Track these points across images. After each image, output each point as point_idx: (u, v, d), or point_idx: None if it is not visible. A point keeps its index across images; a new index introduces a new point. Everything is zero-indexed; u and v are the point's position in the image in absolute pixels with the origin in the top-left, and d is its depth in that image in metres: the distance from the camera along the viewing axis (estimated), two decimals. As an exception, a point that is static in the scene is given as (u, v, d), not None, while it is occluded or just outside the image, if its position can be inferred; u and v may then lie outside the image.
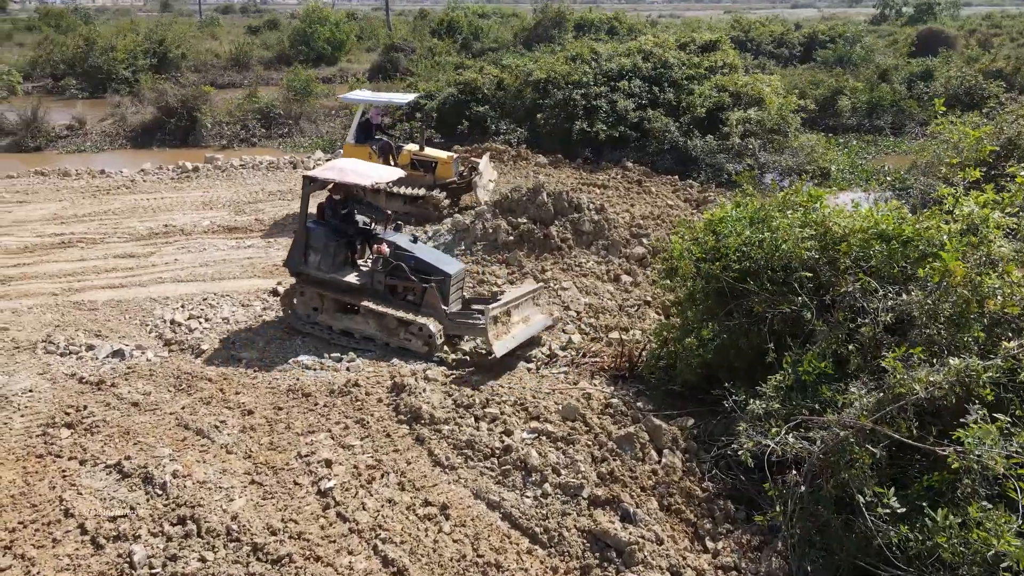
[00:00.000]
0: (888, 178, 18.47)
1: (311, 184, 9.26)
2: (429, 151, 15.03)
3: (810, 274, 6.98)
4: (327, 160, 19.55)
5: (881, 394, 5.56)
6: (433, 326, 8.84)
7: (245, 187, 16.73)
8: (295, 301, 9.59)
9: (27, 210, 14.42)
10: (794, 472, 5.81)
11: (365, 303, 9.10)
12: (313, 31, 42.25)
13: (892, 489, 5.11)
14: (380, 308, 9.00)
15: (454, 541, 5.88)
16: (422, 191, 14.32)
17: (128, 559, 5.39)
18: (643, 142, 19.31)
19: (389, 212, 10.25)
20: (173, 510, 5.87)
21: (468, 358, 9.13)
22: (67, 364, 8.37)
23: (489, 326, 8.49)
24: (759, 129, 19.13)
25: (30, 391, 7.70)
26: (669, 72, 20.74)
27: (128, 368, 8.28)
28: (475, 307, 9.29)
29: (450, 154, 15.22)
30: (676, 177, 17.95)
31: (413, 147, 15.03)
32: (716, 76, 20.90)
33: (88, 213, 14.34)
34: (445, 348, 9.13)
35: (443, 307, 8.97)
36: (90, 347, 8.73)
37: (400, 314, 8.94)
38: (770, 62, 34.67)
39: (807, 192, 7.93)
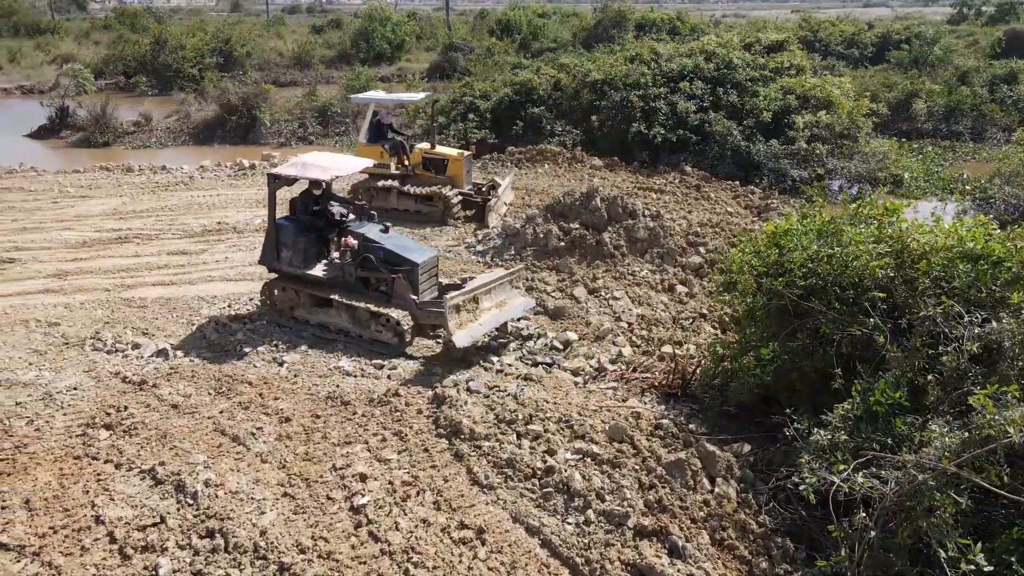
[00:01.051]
0: (967, 187, 17.41)
1: (276, 181, 9.33)
2: (440, 149, 14.88)
3: (884, 294, 6.42)
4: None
5: (967, 434, 5.00)
6: (401, 317, 8.82)
7: (300, 185, 16.71)
8: (274, 296, 9.68)
9: (89, 205, 14.74)
10: (863, 514, 5.29)
11: (335, 296, 9.11)
12: (374, 30, 42.64)
13: (979, 544, 4.57)
14: (349, 301, 9.05)
15: (489, 569, 5.56)
16: (431, 189, 14.15)
17: (154, 572, 5.25)
18: (703, 145, 18.65)
19: (363, 203, 10.22)
20: (203, 522, 5.72)
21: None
22: (112, 362, 8.38)
23: (449, 316, 8.35)
24: (827, 133, 18.27)
25: (74, 389, 7.72)
26: (732, 73, 19.99)
27: (171, 368, 8.23)
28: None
29: (461, 151, 15.03)
30: (737, 183, 17.27)
31: (425, 145, 14.90)
32: (782, 78, 20.06)
33: (146, 209, 14.57)
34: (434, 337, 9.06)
35: (413, 297, 8.90)
36: (136, 345, 8.74)
37: (367, 306, 8.97)
38: (840, 63, 33.29)
39: (882, 204, 7.33)
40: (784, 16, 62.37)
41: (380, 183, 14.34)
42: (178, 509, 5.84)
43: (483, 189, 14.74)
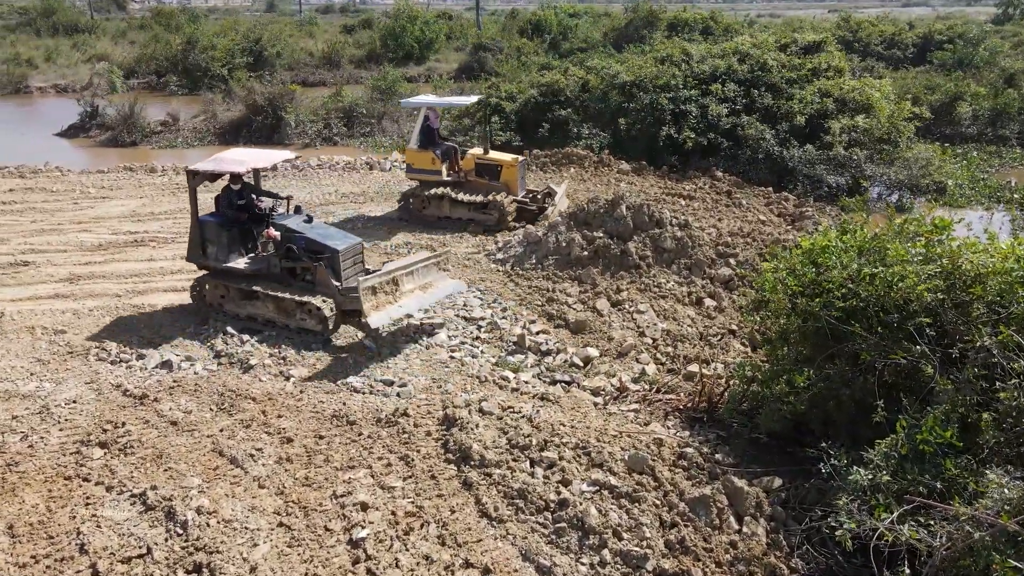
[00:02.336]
0: (1015, 195, 16.54)
1: (195, 177, 9.44)
2: (494, 154, 14.31)
3: (931, 320, 5.85)
4: (403, 161, 19.22)
5: (1030, 486, 4.45)
6: (324, 305, 8.92)
7: (319, 188, 16.55)
8: (204, 291, 9.81)
9: (108, 206, 14.64)
10: (907, 570, 4.76)
11: (258, 288, 9.28)
12: (403, 29, 42.47)
13: (1044, 616, 4.03)
14: (272, 292, 9.21)
15: (494, 615, 5.13)
16: (486, 196, 13.63)
17: (137, 608, 4.92)
18: (735, 150, 17.99)
19: (287, 196, 10.34)
20: (190, 554, 5.38)
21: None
22: (115, 373, 8.12)
23: (364, 297, 8.55)
24: (866, 138, 17.50)
25: (74, 402, 7.47)
26: (767, 75, 19.28)
27: (174, 382, 7.95)
28: None
29: (516, 157, 14.39)
30: (770, 189, 16.61)
31: (477, 151, 14.36)
32: (819, 80, 19.29)
33: (164, 211, 14.42)
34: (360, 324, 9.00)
35: (335, 283, 8.99)
36: (141, 356, 8.48)
37: (288, 295, 9.11)
38: (879, 64, 32.25)
39: (931, 220, 6.75)
40: (821, 15, 60.96)
41: (432, 191, 13.78)
42: (166, 539, 5.51)
43: (538, 196, 14.13)
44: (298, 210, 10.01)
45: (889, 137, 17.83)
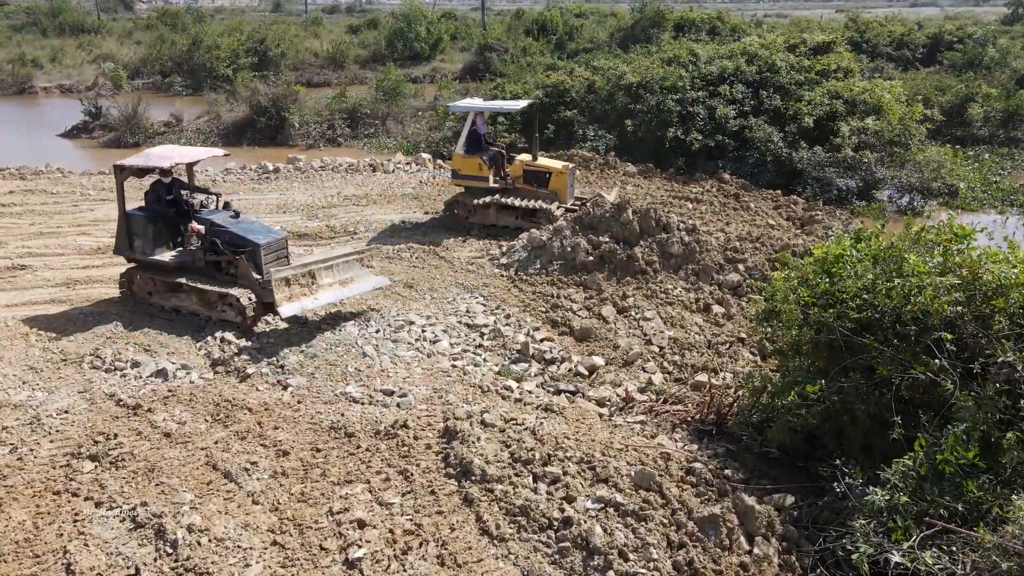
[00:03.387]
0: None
1: (122, 172, 9.72)
2: (543, 161, 13.92)
3: (951, 335, 5.61)
4: (407, 163, 19.03)
5: (1060, 514, 4.22)
6: (242, 296, 9.15)
7: (321, 190, 16.36)
8: (134, 283, 10.04)
9: (108, 208, 14.45)
10: (928, 599, 4.54)
11: (182, 280, 9.51)
12: (408, 30, 42.30)
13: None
14: (195, 284, 9.44)
15: (494, 641, 4.93)
16: (536, 203, 13.25)
17: (123, 632, 4.73)
18: (742, 152, 17.74)
19: (214, 191, 10.73)
20: (180, 575, 5.18)
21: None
22: (109, 382, 7.94)
23: (276, 287, 8.86)
24: (876, 140, 17.23)
25: (66, 412, 7.29)
26: (776, 76, 19.03)
27: (169, 391, 7.77)
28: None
29: (566, 164, 14.00)
30: (778, 192, 16.37)
31: (526, 157, 13.97)
32: (829, 81, 19.02)
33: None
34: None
35: (256, 276, 9.23)
36: (136, 364, 8.29)
37: (210, 287, 9.36)
38: (889, 65, 31.92)
39: (949, 228, 6.50)
40: (829, 15, 60.55)
41: (479, 198, 13.45)
42: (155, 559, 5.32)
43: (587, 204, 13.52)
44: (227, 206, 10.28)
45: (900, 139, 17.57)
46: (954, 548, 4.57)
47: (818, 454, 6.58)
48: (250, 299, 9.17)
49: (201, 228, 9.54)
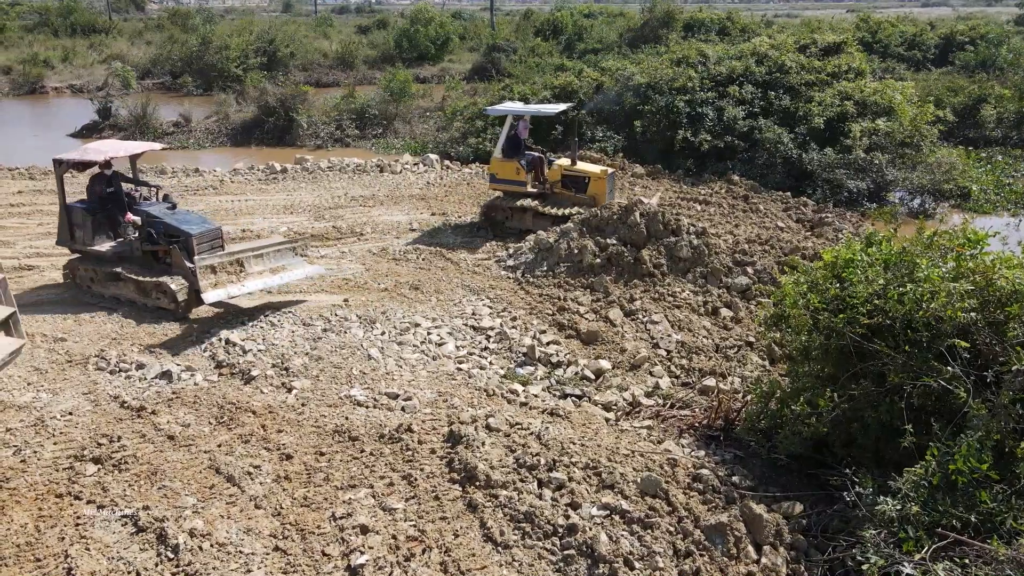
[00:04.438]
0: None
1: (60, 166, 10.10)
2: (582, 166, 13.75)
3: (967, 344, 5.51)
4: (414, 163, 18.99)
5: (1077, 528, 4.12)
6: (174, 284, 9.54)
7: (328, 191, 16.35)
8: (77, 273, 10.48)
9: (116, 209, 14.49)
10: (940, 612, 4.45)
11: (119, 269, 9.91)
12: (417, 31, 42.31)
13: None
14: (131, 273, 9.81)
15: (497, 650, 4.86)
16: (572, 209, 13.00)
17: (123, 638, 4.70)
18: (752, 154, 17.62)
19: (155, 184, 11.21)
20: (181, 581, 5.15)
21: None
22: (114, 384, 7.92)
23: (201, 275, 9.28)
24: (887, 142, 17.06)
25: (69, 414, 7.27)
26: (786, 77, 18.89)
27: (173, 393, 7.74)
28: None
29: (604, 168, 13.80)
30: (788, 193, 16.24)
31: (565, 161, 13.80)
32: (840, 82, 18.86)
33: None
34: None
35: (188, 264, 9.51)
36: (140, 365, 8.27)
37: (145, 276, 9.74)
38: (900, 66, 31.67)
39: (963, 233, 6.39)
40: (839, 16, 60.18)
41: (517, 202, 13.30)
42: (156, 564, 5.28)
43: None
44: (166, 198, 10.83)
45: (911, 141, 17.40)
46: (967, 561, 4.48)
47: (827, 461, 6.47)
48: (181, 286, 9.56)
49: (137, 219, 9.94)
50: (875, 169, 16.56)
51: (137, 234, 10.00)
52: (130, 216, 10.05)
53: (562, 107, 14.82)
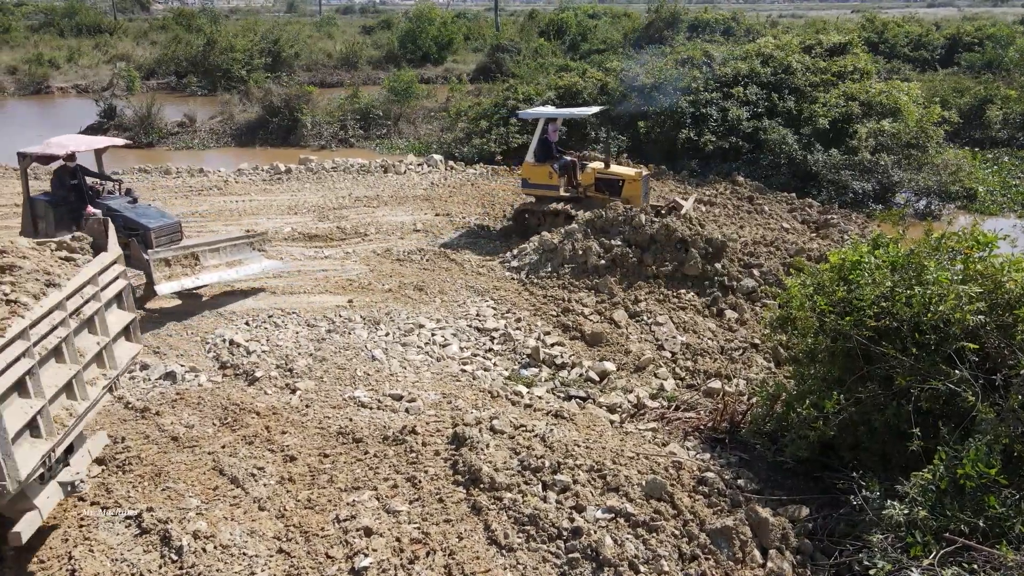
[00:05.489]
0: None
1: (24, 159, 10.35)
2: (616, 168, 13.56)
3: (976, 346, 5.47)
4: (418, 164, 18.99)
5: (1086, 534, 4.08)
6: (133, 275, 9.82)
7: (333, 191, 16.35)
8: None
9: (121, 209, 14.51)
10: (949, 618, 4.41)
11: None
12: (421, 31, 42.33)
13: None
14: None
15: (502, 654, 4.84)
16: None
17: (126, 641, 4.68)
18: (756, 154, 17.57)
19: (115, 178, 11.42)
20: (184, 583, 5.14)
21: None
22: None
23: (155, 267, 9.56)
24: (893, 143, 17.00)
25: (74, 415, 7.25)
26: (791, 78, 18.84)
27: (177, 394, 7.73)
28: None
29: (639, 170, 13.59)
30: (793, 195, 16.19)
31: (598, 164, 13.66)
32: (845, 83, 18.81)
33: (175, 215, 14.23)
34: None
35: (145, 256, 9.65)
36: (145, 366, 8.27)
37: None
38: (906, 66, 31.58)
39: (971, 235, 6.34)
40: (845, 16, 60.07)
41: (549, 206, 13.11)
42: (160, 566, 5.27)
43: (662, 212, 12.89)
44: (128, 192, 11.05)
45: (917, 142, 17.33)
46: (975, 567, 4.44)
47: (833, 465, 6.44)
48: (136, 277, 9.62)
49: (98, 212, 10.09)
50: (881, 170, 16.50)
51: (98, 226, 10.11)
52: (91, 209, 10.22)
53: (594, 109, 14.62)
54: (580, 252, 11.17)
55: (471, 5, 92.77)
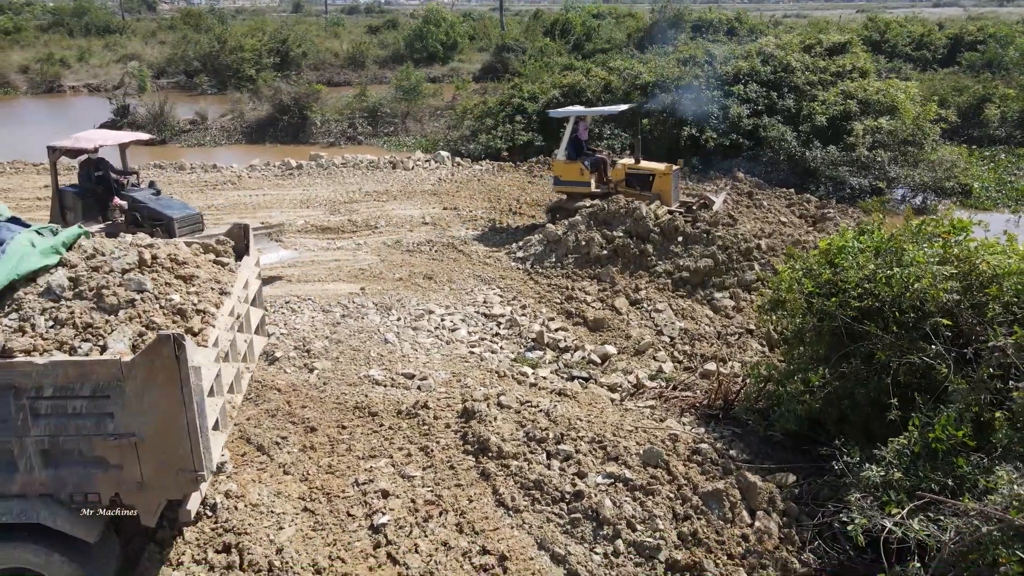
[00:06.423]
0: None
1: (54, 152, 10.76)
2: (646, 164, 13.79)
3: (949, 321, 5.90)
4: (425, 160, 19.45)
5: (1039, 483, 4.51)
6: None
7: (343, 186, 16.83)
8: None
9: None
10: (917, 564, 4.83)
11: None
12: (428, 32, 42.81)
13: (1048, 609, 4.09)
14: None
15: (510, 600, 5.29)
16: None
17: (168, 586, 5.15)
18: (756, 151, 17.99)
19: (136, 170, 11.88)
20: (220, 535, 5.60)
21: None
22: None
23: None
24: (890, 140, 17.40)
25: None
26: (791, 76, 19.25)
27: (203, 372, 8.18)
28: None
29: (669, 165, 13.76)
30: (791, 190, 16.59)
31: (628, 160, 13.95)
32: (844, 81, 19.21)
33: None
34: None
35: None
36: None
37: None
38: (907, 66, 31.92)
39: (949, 221, 6.78)
40: (849, 16, 60.33)
41: (580, 203, 13.26)
42: (197, 521, 5.73)
43: (693, 208, 13.08)
44: (151, 184, 11.53)
45: (914, 139, 17.71)
46: (941, 517, 4.86)
47: (820, 438, 6.86)
48: None
49: (124, 203, 10.62)
50: (877, 167, 16.90)
51: (123, 217, 10.68)
52: (117, 200, 10.71)
53: (623, 107, 14.93)
54: (583, 243, 11.61)
55: (476, 5, 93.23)
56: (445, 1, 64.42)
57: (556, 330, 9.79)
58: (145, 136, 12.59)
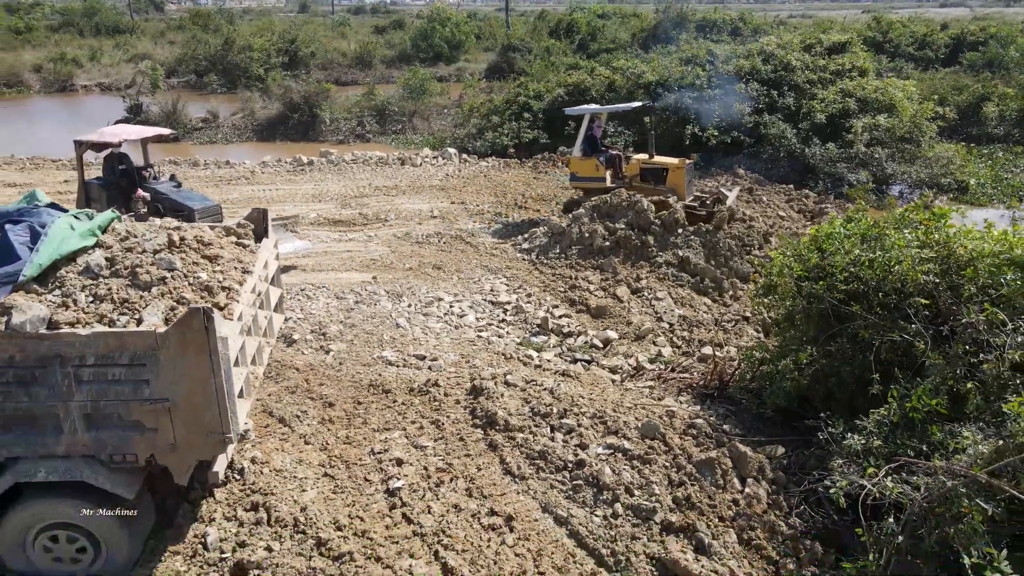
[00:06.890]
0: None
1: (81, 146, 11.15)
2: (659, 158, 14.05)
3: (927, 301, 6.31)
4: (433, 157, 19.90)
5: (1000, 442, 4.92)
6: None
7: (353, 181, 17.29)
8: None
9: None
10: (891, 520, 5.25)
11: None
12: (434, 31, 43.27)
13: (1004, 551, 4.50)
14: None
15: (516, 555, 5.72)
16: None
17: (203, 540, 5.59)
18: (757, 148, 18.40)
19: (153, 164, 12.26)
20: (248, 496, 6.05)
21: None
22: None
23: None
24: (888, 137, 17.78)
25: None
26: (791, 75, 19.65)
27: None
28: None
29: (682, 159, 14.01)
30: (791, 186, 16.99)
31: (642, 156, 14.19)
32: (843, 80, 19.60)
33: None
34: None
35: None
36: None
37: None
38: (908, 65, 32.24)
39: (930, 210, 7.20)
40: (854, 16, 60.55)
41: (596, 198, 13.30)
42: (226, 483, 6.18)
43: (707, 202, 13.16)
44: (172, 177, 12.11)
45: (911, 136, 18.09)
46: (914, 478, 5.28)
47: (809, 415, 7.27)
48: None
49: (146, 195, 11.04)
50: (875, 163, 17.28)
51: (146, 208, 11.06)
52: (140, 192, 11.15)
53: (637, 104, 15.26)
54: (587, 234, 12.04)
55: (481, 5, 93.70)
56: (451, 1, 65.00)
57: (560, 317, 10.22)
58: (167, 131, 13.05)
